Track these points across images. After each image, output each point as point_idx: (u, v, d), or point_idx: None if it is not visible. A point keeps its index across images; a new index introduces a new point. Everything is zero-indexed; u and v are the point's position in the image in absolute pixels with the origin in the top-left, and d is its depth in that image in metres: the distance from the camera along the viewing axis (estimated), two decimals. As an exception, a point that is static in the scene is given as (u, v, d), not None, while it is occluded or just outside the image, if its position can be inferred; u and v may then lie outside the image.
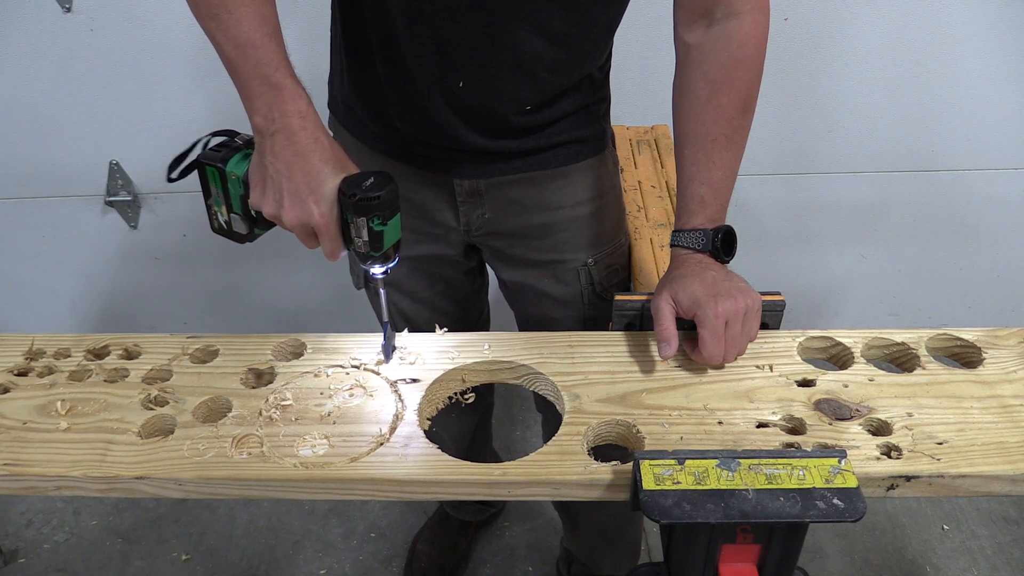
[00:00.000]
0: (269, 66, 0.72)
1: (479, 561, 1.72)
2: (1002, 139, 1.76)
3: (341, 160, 0.74)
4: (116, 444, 0.73)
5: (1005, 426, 0.70)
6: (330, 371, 0.81)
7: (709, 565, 0.63)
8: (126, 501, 1.87)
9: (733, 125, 0.83)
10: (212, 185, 0.80)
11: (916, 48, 1.63)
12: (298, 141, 0.71)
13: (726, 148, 0.83)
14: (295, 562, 1.72)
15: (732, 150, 0.84)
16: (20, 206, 1.90)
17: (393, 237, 0.75)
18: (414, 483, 0.68)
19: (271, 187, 0.73)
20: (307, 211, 0.72)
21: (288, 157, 0.71)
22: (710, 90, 0.83)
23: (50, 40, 1.62)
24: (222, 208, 0.81)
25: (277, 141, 0.72)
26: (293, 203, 0.72)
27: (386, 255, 0.76)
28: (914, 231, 1.94)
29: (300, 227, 0.73)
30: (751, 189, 1.86)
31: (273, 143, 0.72)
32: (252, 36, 0.72)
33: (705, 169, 0.83)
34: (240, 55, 0.72)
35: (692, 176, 0.84)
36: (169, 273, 2.03)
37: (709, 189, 0.84)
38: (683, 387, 0.77)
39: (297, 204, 0.72)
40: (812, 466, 0.62)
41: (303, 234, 0.75)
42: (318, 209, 0.71)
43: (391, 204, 0.72)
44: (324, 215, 0.72)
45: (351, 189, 0.71)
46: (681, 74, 0.87)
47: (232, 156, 0.78)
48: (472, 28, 0.81)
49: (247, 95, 0.74)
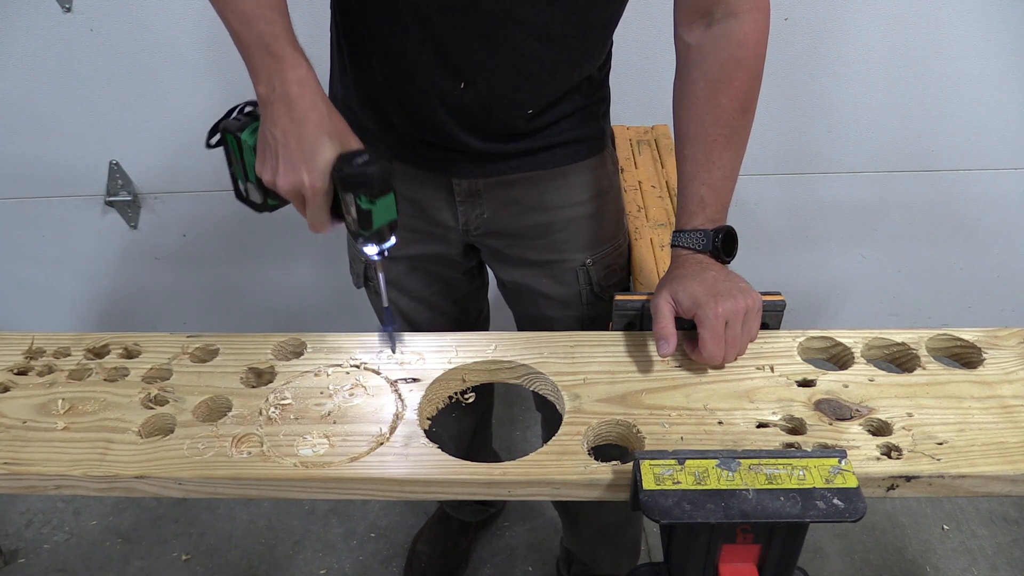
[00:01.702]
0: (271, 36, 0.73)
1: (479, 561, 1.72)
2: (1002, 139, 1.76)
3: (340, 131, 0.74)
4: (116, 443, 0.73)
5: (1005, 426, 0.70)
6: (330, 371, 0.81)
7: (709, 565, 0.63)
8: (126, 501, 1.87)
9: (733, 125, 0.83)
10: (232, 152, 0.80)
11: (916, 48, 1.63)
12: (296, 108, 0.72)
13: (726, 148, 0.83)
14: (295, 562, 1.72)
15: (732, 150, 0.84)
16: (20, 206, 1.90)
17: (384, 217, 0.74)
18: (414, 483, 0.68)
19: (270, 155, 0.73)
20: (299, 178, 0.72)
21: (285, 124, 0.72)
22: (709, 90, 0.83)
23: (50, 40, 1.62)
24: (240, 176, 0.82)
25: (276, 109, 0.72)
26: (287, 169, 0.72)
27: (379, 234, 0.75)
28: (914, 231, 1.94)
29: (292, 194, 0.74)
30: (751, 189, 1.86)
31: (273, 111, 0.72)
32: (257, 11, 0.73)
33: (705, 170, 0.83)
34: (245, 28, 0.73)
35: (692, 176, 0.84)
36: (169, 273, 2.03)
37: (709, 189, 0.84)
38: (683, 387, 0.77)
39: (290, 170, 0.72)
40: (812, 466, 0.62)
41: (297, 202, 0.75)
42: (309, 178, 0.71)
43: (381, 183, 0.72)
44: (314, 185, 0.72)
45: (342, 163, 0.71)
46: (681, 74, 0.87)
47: (249, 124, 0.78)
48: (470, 30, 0.81)
49: (251, 66, 0.74)
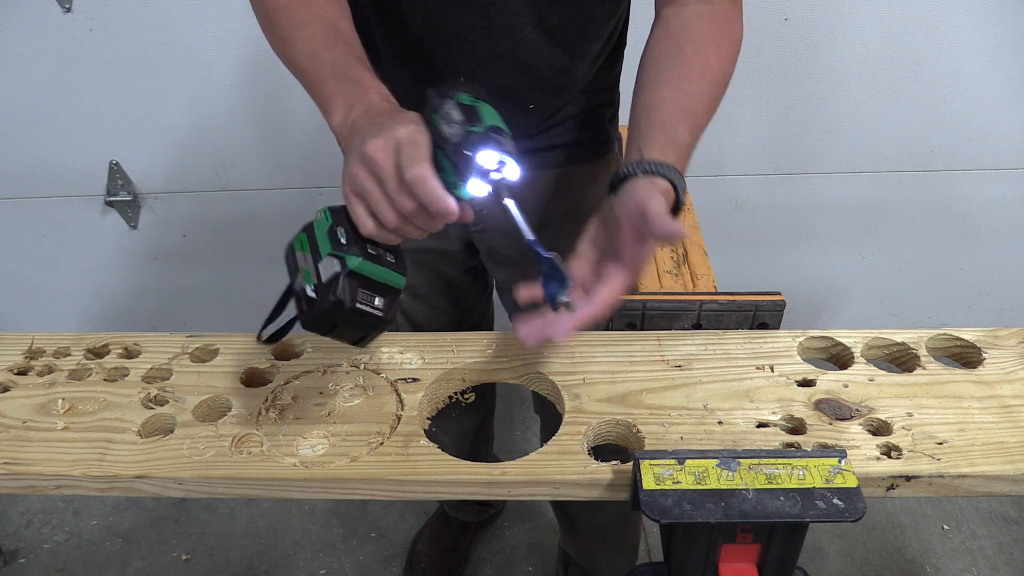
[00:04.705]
0: (345, 64, 0.69)
1: (479, 561, 1.72)
2: (1002, 139, 1.76)
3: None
4: (116, 443, 0.73)
5: (1005, 426, 0.70)
6: (330, 371, 0.81)
7: (709, 565, 0.63)
8: (126, 501, 1.87)
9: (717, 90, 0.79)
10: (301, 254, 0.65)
11: (916, 48, 1.63)
12: (381, 111, 0.66)
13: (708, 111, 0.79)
14: (295, 562, 1.72)
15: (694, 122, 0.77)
16: (20, 206, 1.90)
17: (492, 118, 0.62)
18: (414, 483, 0.68)
19: (355, 150, 0.63)
20: (391, 132, 0.61)
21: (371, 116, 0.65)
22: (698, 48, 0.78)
23: (50, 40, 1.62)
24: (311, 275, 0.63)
25: (358, 120, 0.65)
26: (376, 135, 0.61)
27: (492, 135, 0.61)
28: (914, 231, 1.94)
29: (384, 152, 0.60)
30: (751, 189, 1.86)
31: (354, 123, 0.65)
32: (325, 43, 0.70)
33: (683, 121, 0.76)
34: (315, 62, 0.70)
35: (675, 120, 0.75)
36: (169, 273, 2.03)
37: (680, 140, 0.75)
38: (683, 387, 0.77)
39: (378, 133, 0.61)
40: (812, 466, 0.62)
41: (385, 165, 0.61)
42: (404, 128, 0.61)
43: (478, 90, 0.63)
44: (410, 131, 0.61)
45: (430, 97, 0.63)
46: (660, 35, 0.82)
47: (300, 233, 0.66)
48: (468, 22, 0.81)
49: (325, 97, 0.69)
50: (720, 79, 0.79)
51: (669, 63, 0.78)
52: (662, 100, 0.75)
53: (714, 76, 0.78)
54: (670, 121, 0.74)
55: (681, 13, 0.81)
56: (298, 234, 0.67)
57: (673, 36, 0.80)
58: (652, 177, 0.69)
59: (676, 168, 0.71)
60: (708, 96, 0.77)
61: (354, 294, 0.61)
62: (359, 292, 0.61)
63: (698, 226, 1.25)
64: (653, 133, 0.73)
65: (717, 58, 0.79)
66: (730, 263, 1.98)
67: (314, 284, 0.61)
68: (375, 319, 0.62)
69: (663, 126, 0.74)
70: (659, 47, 0.80)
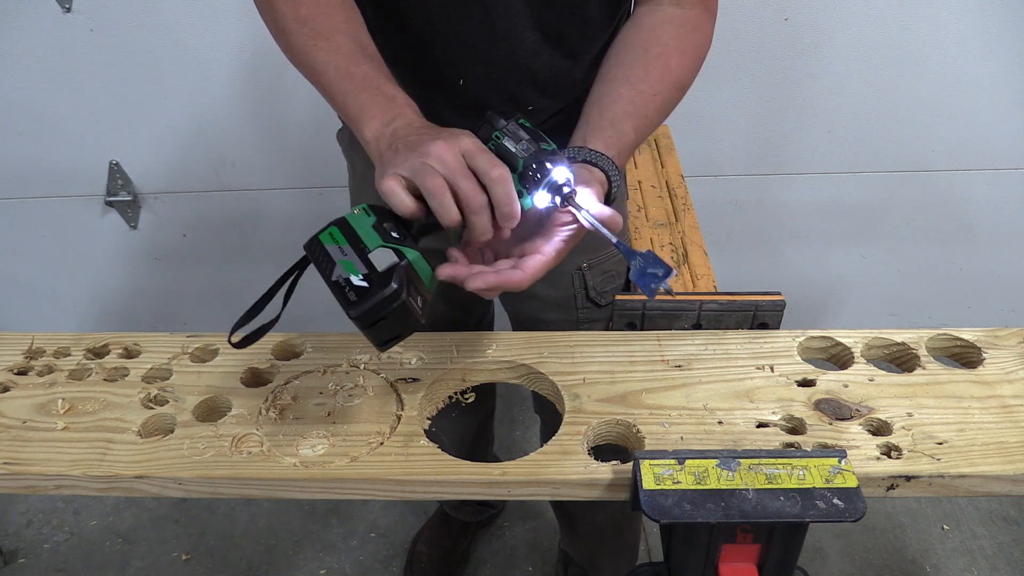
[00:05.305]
0: (378, 79, 0.70)
1: (479, 561, 1.72)
2: (1002, 139, 1.76)
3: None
4: (116, 443, 0.73)
5: (1005, 426, 0.70)
6: (330, 371, 0.81)
7: (709, 565, 0.63)
8: (126, 501, 1.87)
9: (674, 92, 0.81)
10: (334, 247, 0.63)
11: (915, 48, 1.63)
12: (426, 125, 0.67)
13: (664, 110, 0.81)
14: (295, 562, 1.72)
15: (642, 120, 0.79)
16: (20, 206, 1.90)
17: (549, 140, 0.67)
18: (414, 483, 0.68)
19: (403, 151, 0.63)
20: (453, 139, 0.62)
21: (415, 128, 0.66)
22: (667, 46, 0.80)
23: (50, 40, 1.62)
24: (355, 265, 0.62)
25: (401, 130, 0.66)
26: (435, 140, 0.62)
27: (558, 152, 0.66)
28: (914, 231, 1.94)
29: (451, 154, 0.61)
30: (751, 189, 1.86)
31: (395, 132, 0.66)
32: (354, 57, 0.71)
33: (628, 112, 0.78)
34: (344, 76, 0.70)
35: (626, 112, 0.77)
36: (169, 273, 2.03)
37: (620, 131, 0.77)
38: (683, 387, 0.77)
39: (438, 138, 0.62)
40: (812, 466, 0.62)
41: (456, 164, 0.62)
42: (467, 138, 0.64)
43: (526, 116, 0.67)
44: (474, 141, 0.63)
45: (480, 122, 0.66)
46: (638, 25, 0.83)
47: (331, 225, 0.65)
48: (467, 24, 0.81)
49: (357, 108, 0.69)
50: (678, 84, 0.81)
51: (632, 62, 0.80)
52: (618, 96, 0.78)
53: (673, 80, 0.80)
54: (621, 118, 0.76)
55: (653, 13, 0.82)
56: (326, 228, 0.66)
57: (641, 35, 0.81)
58: (590, 166, 0.72)
59: (615, 162, 0.73)
60: (663, 99, 0.80)
61: (409, 287, 0.61)
62: (410, 287, 0.62)
63: (698, 226, 1.25)
64: (602, 126, 0.76)
65: (680, 63, 0.80)
66: (730, 263, 1.98)
67: (362, 274, 0.60)
68: (414, 320, 0.63)
69: (612, 121, 0.76)
70: (627, 44, 0.82)
